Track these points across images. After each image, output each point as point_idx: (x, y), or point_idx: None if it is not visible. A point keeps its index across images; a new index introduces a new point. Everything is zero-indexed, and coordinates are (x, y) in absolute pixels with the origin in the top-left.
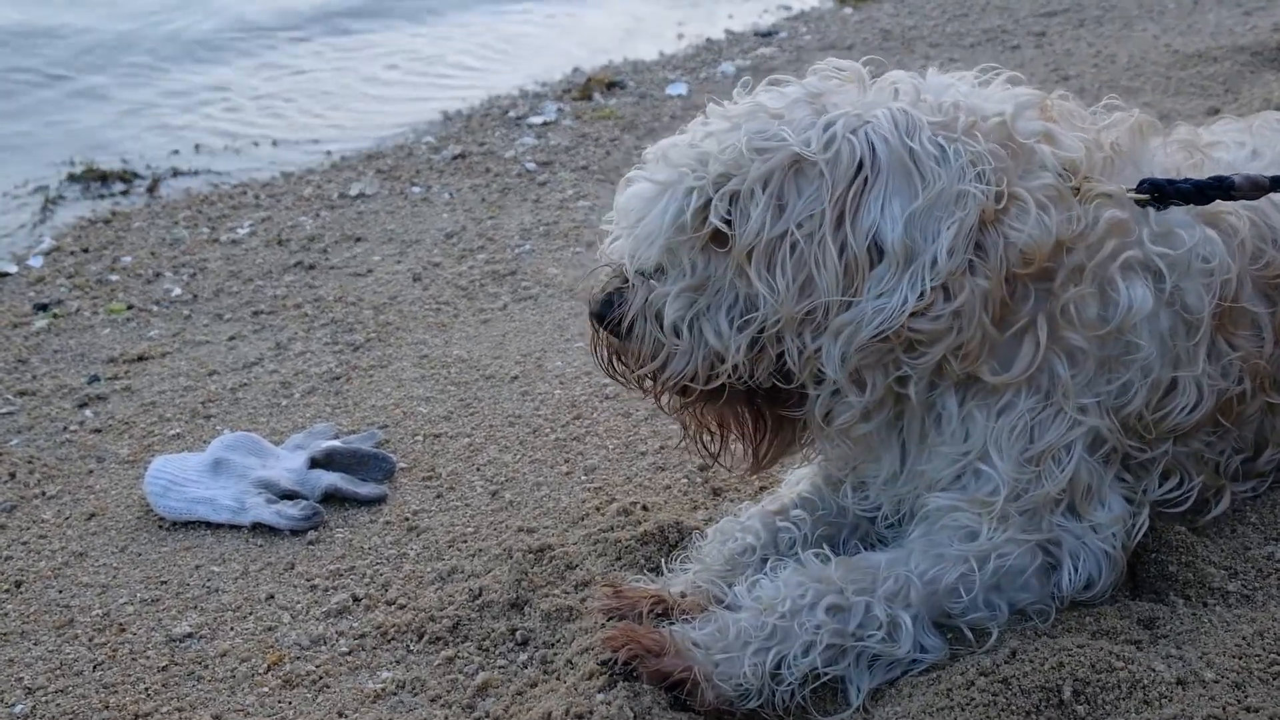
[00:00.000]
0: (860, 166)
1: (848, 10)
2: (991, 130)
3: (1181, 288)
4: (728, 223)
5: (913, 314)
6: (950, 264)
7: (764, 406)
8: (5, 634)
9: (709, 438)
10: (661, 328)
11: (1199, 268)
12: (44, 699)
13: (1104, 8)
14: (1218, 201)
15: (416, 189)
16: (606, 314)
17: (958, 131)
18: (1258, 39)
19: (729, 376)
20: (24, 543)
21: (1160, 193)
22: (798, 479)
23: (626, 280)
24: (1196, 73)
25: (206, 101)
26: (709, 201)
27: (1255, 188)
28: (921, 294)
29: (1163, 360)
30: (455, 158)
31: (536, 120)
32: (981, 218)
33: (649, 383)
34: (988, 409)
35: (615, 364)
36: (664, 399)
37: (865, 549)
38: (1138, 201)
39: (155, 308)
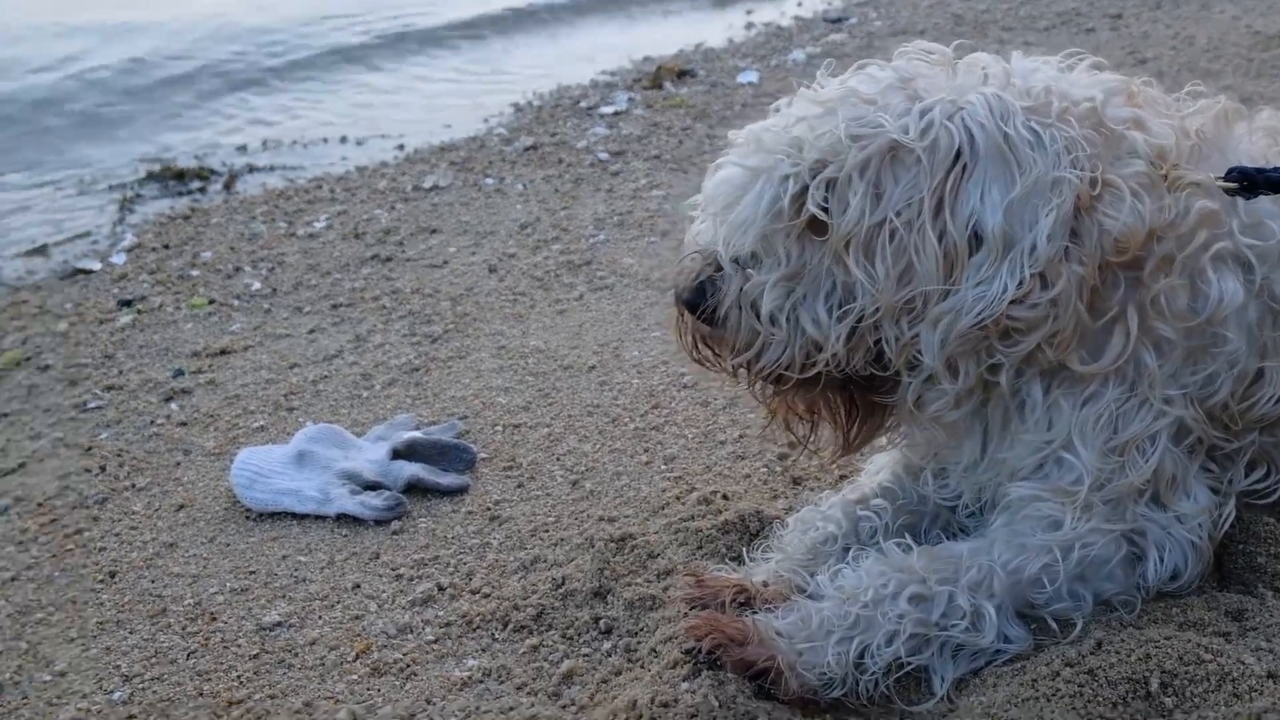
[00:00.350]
0: (959, 154)
1: None
2: (1083, 116)
3: (1271, 278)
4: (825, 210)
5: (1011, 301)
6: (1049, 251)
7: (855, 393)
8: (102, 622)
9: (797, 422)
10: (758, 317)
11: None
12: (140, 686)
13: None
14: None
15: (490, 180)
16: (699, 302)
17: (1051, 116)
18: None
19: (825, 365)
20: (116, 534)
21: (1249, 181)
22: (878, 468)
23: (718, 267)
24: (1279, 54)
25: (284, 108)
26: (805, 189)
27: None
28: (1020, 281)
29: (1250, 350)
30: (527, 149)
31: (608, 110)
32: (1077, 204)
33: (742, 371)
34: (1073, 398)
35: (700, 349)
36: (756, 386)
37: (947, 538)
38: (1226, 190)
39: (236, 302)
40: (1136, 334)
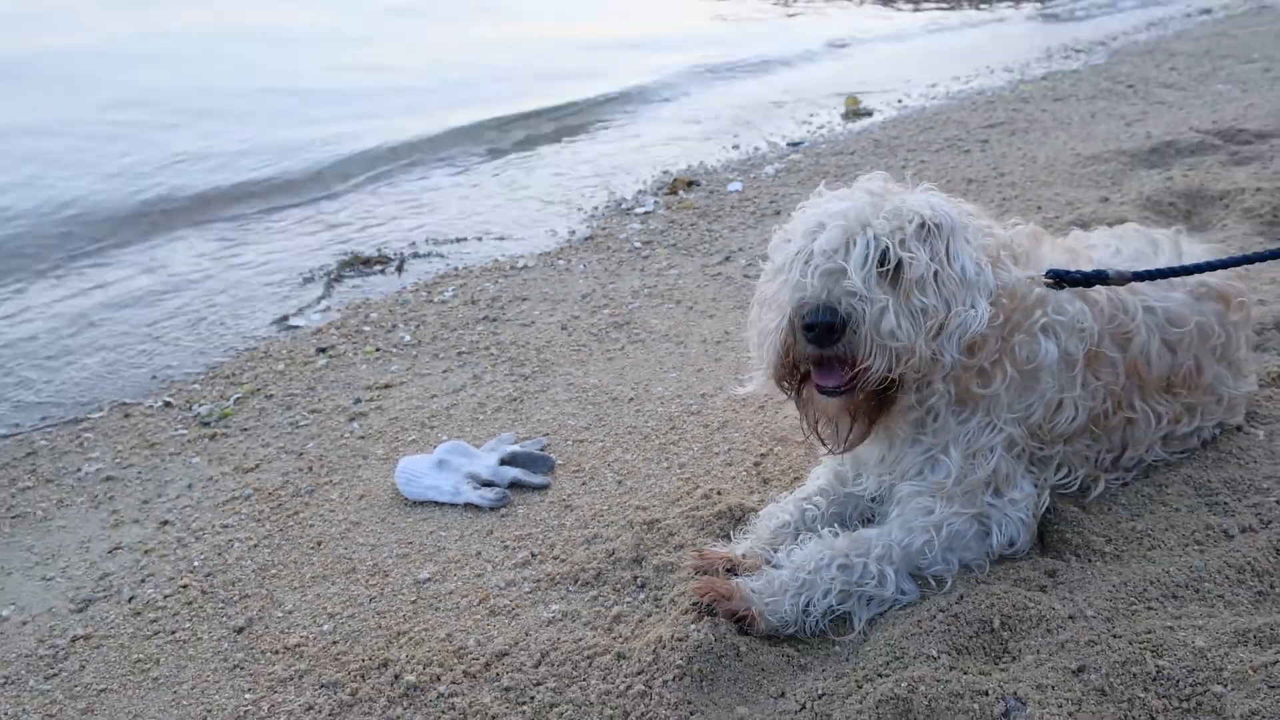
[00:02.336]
0: (954, 230)
1: (851, 126)
2: (972, 214)
3: (1067, 342)
4: (899, 260)
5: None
6: (993, 286)
7: (875, 404)
8: (314, 577)
9: (826, 425)
10: (879, 333)
11: (1077, 328)
12: (341, 621)
13: (1029, 120)
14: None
15: (561, 262)
16: (832, 323)
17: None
18: (1135, 144)
19: (906, 368)
20: (321, 515)
21: (1060, 279)
22: (817, 475)
23: (839, 301)
24: (1092, 170)
25: (427, 206)
26: (889, 247)
27: (1121, 279)
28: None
29: (1055, 388)
30: (586, 239)
31: (641, 210)
32: (991, 262)
33: (851, 381)
34: (956, 416)
35: (791, 369)
36: (847, 397)
37: (862, 525)
38: (1047, 284)
39: (394, 350)
40: (1010, 371)
